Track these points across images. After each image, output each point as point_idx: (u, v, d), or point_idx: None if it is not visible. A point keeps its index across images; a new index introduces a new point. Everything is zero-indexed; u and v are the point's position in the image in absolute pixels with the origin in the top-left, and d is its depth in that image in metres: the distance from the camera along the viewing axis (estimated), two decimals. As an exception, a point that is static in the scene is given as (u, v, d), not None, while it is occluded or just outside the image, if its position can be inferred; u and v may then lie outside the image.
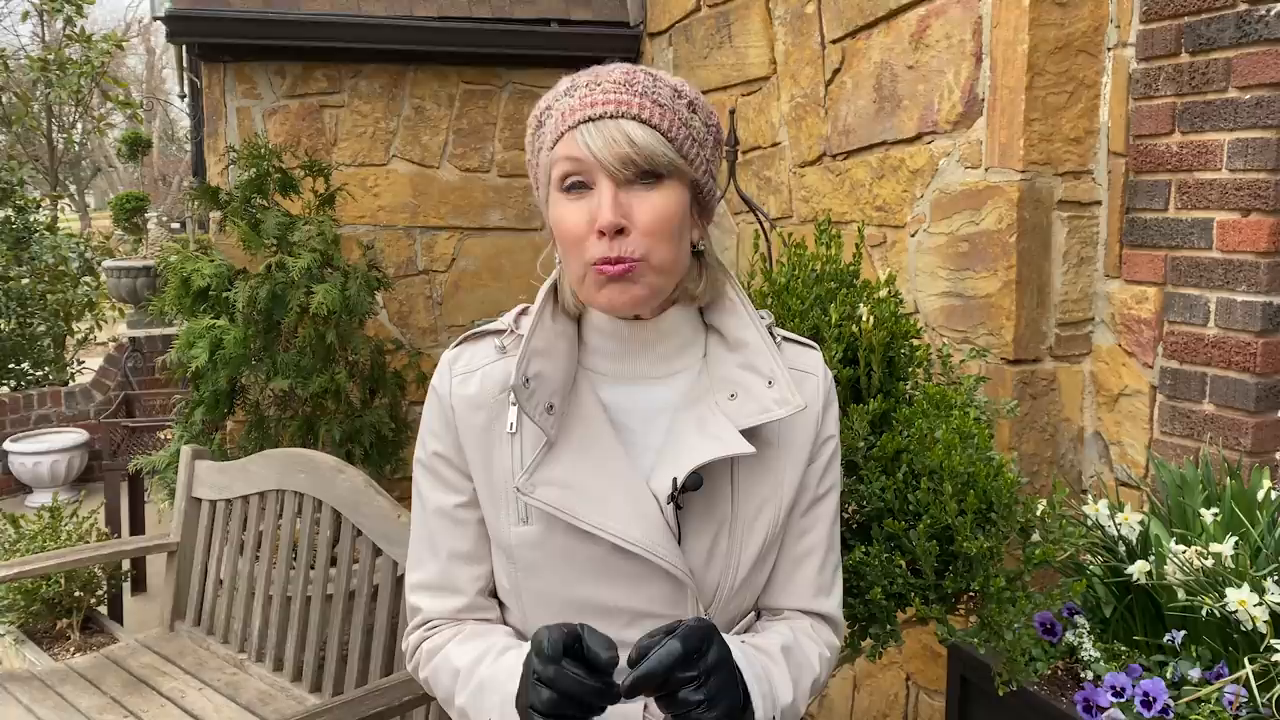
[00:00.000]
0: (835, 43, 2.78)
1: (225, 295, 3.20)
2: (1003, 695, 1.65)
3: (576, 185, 0.99)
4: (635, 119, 0.97)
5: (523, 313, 1.11)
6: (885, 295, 1.77)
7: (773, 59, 3.11)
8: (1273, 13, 1.83)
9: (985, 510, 1.58)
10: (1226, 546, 1.58)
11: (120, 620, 3.71)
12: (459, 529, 1.11)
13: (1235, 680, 1.51)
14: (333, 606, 2.43)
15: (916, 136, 2.47)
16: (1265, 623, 1.51)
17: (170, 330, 6.03)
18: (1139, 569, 1.66)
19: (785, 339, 1.14)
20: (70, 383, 7.15)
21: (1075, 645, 1.74)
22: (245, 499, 2.71)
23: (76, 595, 3.42)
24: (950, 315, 2.37)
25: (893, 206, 2.58)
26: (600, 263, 0.98)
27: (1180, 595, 1.63)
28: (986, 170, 2.24)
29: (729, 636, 0.99)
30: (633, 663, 0.89)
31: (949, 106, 2.35)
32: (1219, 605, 1.54)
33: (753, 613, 1.14)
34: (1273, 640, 1.51)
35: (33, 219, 7.58)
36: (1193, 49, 1.98)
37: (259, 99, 3.77)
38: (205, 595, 2.81)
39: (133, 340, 6.31)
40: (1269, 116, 1.84)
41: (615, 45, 3.90)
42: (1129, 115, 2.12)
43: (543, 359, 1.04)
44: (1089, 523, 1.82)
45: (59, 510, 3.68)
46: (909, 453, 1.61)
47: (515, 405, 1.05)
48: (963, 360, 2.06)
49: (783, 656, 1.06)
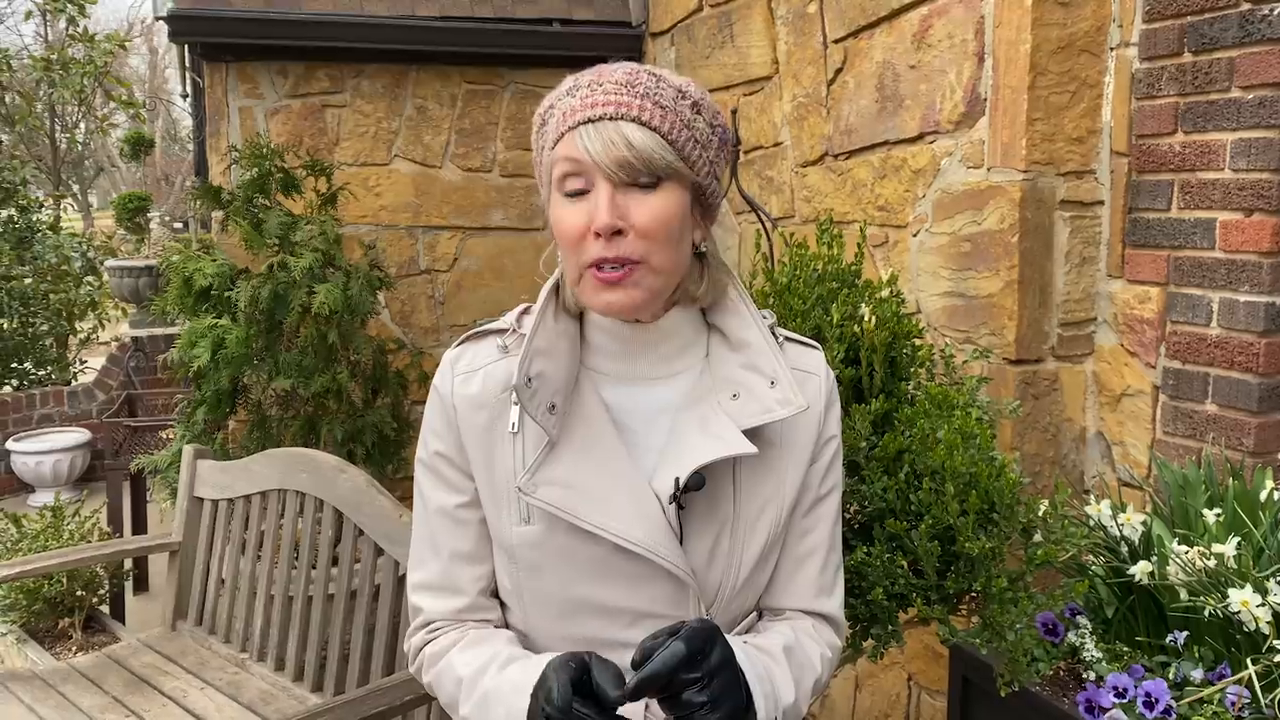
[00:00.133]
0: (837, 42, 2.78)
1: (227, 295, 3.20)
2: (1005, 696, 1.65)
3: (575, 187, 0.99)
4: (635, 121, 0.97)
5: (525, 312, 1.11)
6: (887, 295, 1.77)
7: (775, 59, 3.11)
8: (1275, 12, 1.82)
9: (987, 511, 1.58)
10: (1229, 547, 1.58)
11: (122, 619, 3.72)
12: (460, 529, 1.11)
13: (1238, 681, 1.51)
14: (334, 606, 2.43)
15: (919, 136, 2.47)
16: (1268, 623, 1.51)
17: (173, 330, 6.04)
18: (1141, 569, 1.66)
19: (787, 339, 1.14)
20: (73, 382, 7.17)
21: (1077, 646, 1.73)
22: (247, 498, 2.71)
23: (78, 594, 3.43)
24: (952, 315, 2.37)
25: (895, 206, 2.58)
26: (597, 263, 0.98)
27: (1183, 596, 1.63)
28: (989, 170, 2.24)
29: (731, 637, 0.99)
30: (636, 664, 0.89)
31: (951, 106, 2.35)
32: (1221, 606, 1.54)
33: (754, 613, 1.13)
34: (1275, 641, 1.51)
35: (36, 218, 7.59)
36: (1195, 49, 1.97)
37: (261, 99, 3.77)
38: (207, 595, 2.81)
39: (135, 340, 6.32)
40: (1272, 116, 1.84)
41: (617, 45, 3.90)
42: (1132, 115, 2.12)
43: (545, 359, 1.04)
44: (1091, 523, 1.82)
45: (61, 510, 3.68)
46: (911, 453, 1.60)
47: (517, 405, 1.05)
48: (965, 360, 2.06)
49: (784, 657, 1.06)
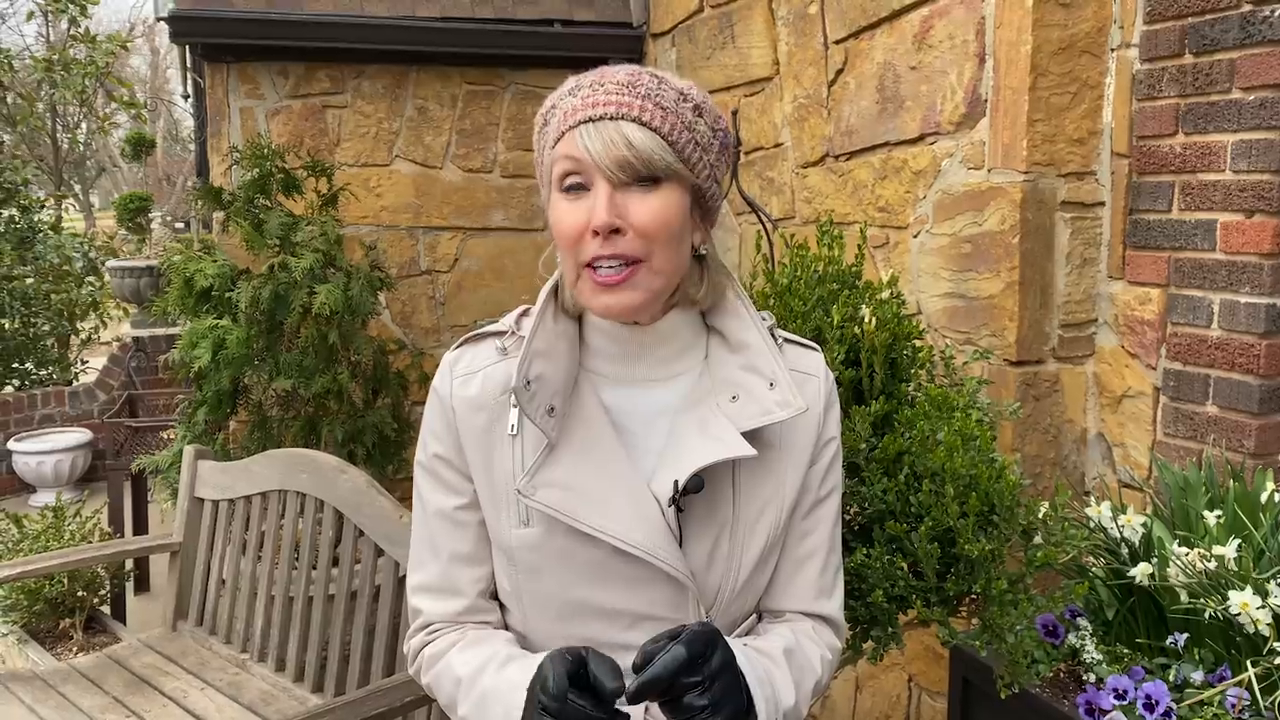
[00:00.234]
0: (838, 43, 2.77)
1: (228, 295, 3.20)
2: (1005, 697, 1.65)
3: (575, 185, 0.99)
4: (635, 121, 0.97)
5: (524, 314, 1.11)
6: (887, 297, 1.76)
7: (775, 60, 3.11)
8: (1276, 14, 1.82)
9: (987, 513, 1.58)
10: (1229, 549, 1.58)
11: (123, 620, 3.72)
12: (460, 531, 1.11)
13: (1238, 683, 1.51)
14: (334, 607, 2.44)
15: (919, 137, 2.47)
16: (1268, 625, 1.51)
17: (174, 330, 6.05)
18: (1142, 571, 1.66)
19: (787, 341, 1.14)
20: (74, 382, 7.17)
21: (1077, 647, 1.73)
22: (248, 499, 2.72)
23: (79, 595, 3.43)
24: (953, 316, 2.37)
25: (895, 207, 2.58)
26: (594, 261, 0.98)
27: (1183, 598, 1.63)
28: (989, 171, 2.24)
29: (731, 640, 0.99)
30: (637, 668, 0.89)
31: (952, 107, 2.34)
32: (1222, 608, 1.54)
33: (754, 615, 1.13)
34: (1275, 643, 1.51)
35: (37, 219, 7.60)
36: (1196, 50, 1.97)
37: (262, 99, 3.77)
38: (208, 595, 2.81)
39: (136, 340, 6.32)
40: (1273, 118, 1.84)
41: (618, 46, 3.90)
42: (1132, 116, 2.12)
43: (544, 361, 1.04)
44: (1091, 525, 1.81)
45: (62, 510, 3.69)
46: (911, 454, 1.60)
47: (516, 407, 1.05)
48: (965, 362, 2.06)
49: (785, 659, 1.06)
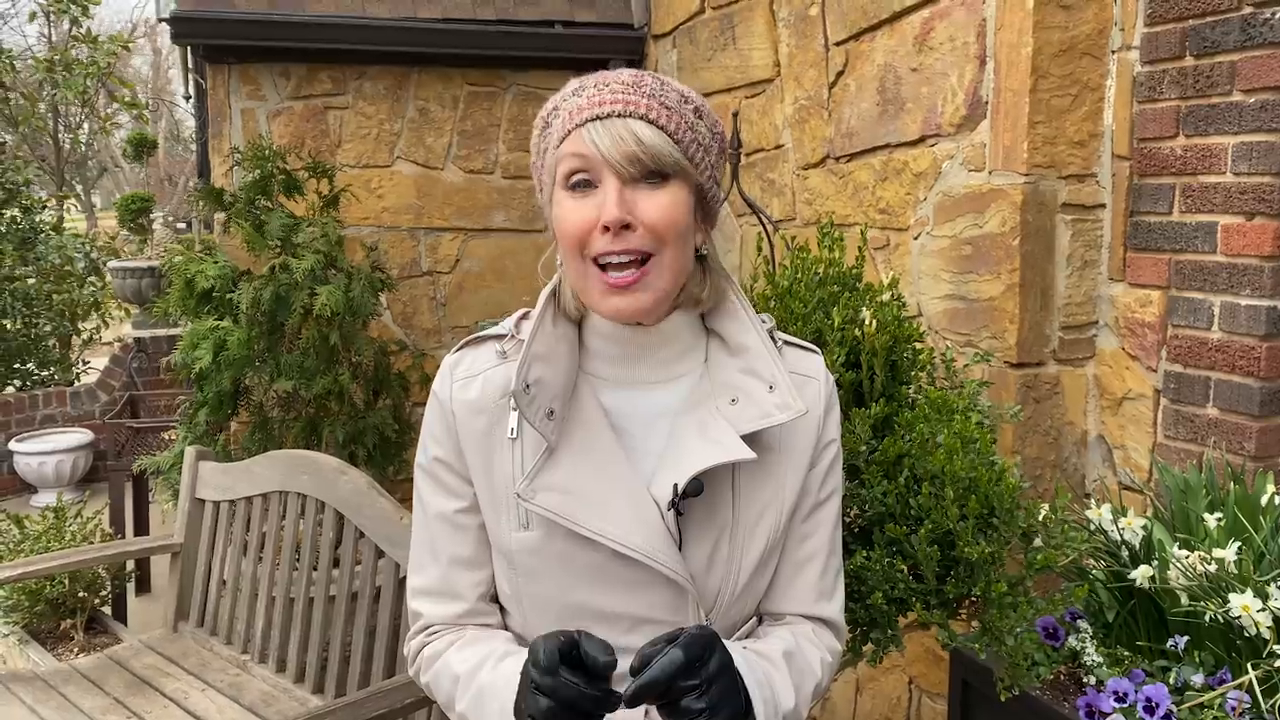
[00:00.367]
0: (839, 45, 2.77)
1: (229, 296, 3.21)
2: (1005, 700, 1.64)
3: (582, 183, 0.99)
4: (643, 119, 0.98)
5: (524, 317, 1.11)
6: (888, 299, 1.76)
7: (776, 61, 3.11)
8: (1277, 16, 1.82)
9: (987, 515, 1.58)
10: (1230, 552, 1.58)
11: (124, 621, 3.73)
12: (460, 534, 1.11)
13: (1238, 686, 1.50)
14: (335, 608, 2.44)
15: (920, 139, 2.47)
16: (1268, 628, 1.50)
17: (175, 331, 6.05)
18: (1142, 574, 1.66)
19: (786, 343, 1.14)
20: (75, 383, 7.18)
21: (1078, 650, 1.73)
22: (249, 500, 2.72)
23: (80, 595, 3.44)
24: (953, 318, 2.37)
25: (896, 209, 2.58)
26: (603, 258, 0.98)
27: (1183, 600, 1.63)
28: (990, 173, 2.24)
29: (730, 642, 0.99)
30: (635, 671, 0.89)
31: (953, 109, 2.34)
32: (1222, 610, 1.54)
33: (754, 618, 1.13)
34: (1276, 646, 1.51)
35: (39, 219, 7.61)
36: (1197, 52, 1.97)
37: (263, 100, 3.78)
38: (209, 596, 2.81)
39: (138, 341, 6.33)
40: (1273, 120, 1.84)
41: (619, 47, 3.90)
42: (1133, 118, 2.12)
43: (543, 364, 1.04)
44: (1092, 527, 1.81)
45: (63, 510, 3.69)
46: (911, 457, 1.60)
47: (516, 410, 1.05)
48: (966, 364, 2.06)
49: (784, 662, 1.06)
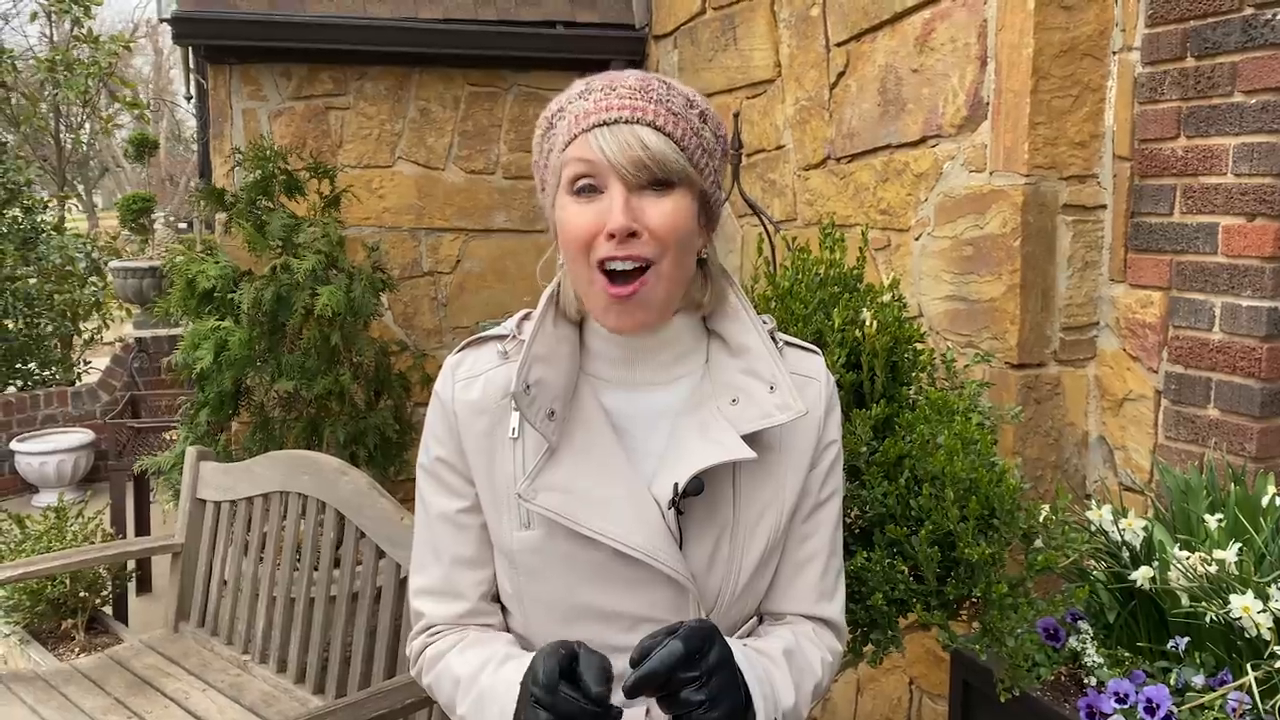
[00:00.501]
0: (840, 45, 2.78)
1: (230, 297, 3.21)
2: (1005, 701, 1.65)
3: (587, 188, 0.99)
4: (650, 125, 0.98)
5: (525, 317, 1.11)
6: (889, 300, 1.76)
7: (777, 62, 3.11)
8: (1278, 17, 1.82)
9: (988, 516, 1.58)
10: (1230, 553, 1.58)
11: (125, 621, 3.73)
12: (461, 534, 1.11)
13: (1239, 687, 1.50)
14: (336, 608, 2.44)
15: (921, 140, 2.47)
16: (1269, 629, 1.50)
17: (176, 331, 6.05)
18: (1143, 575, 1.66)
19: (787, 344, 1.14)
20: (77, 383, 7.18)
21: (1078, 651, 1.73)
22: (249, 500, 2.72)
23: (81, 595, 3.44)
24: (954, 319, 2.37)
25: (897, 210, 2.58)
26: (606, 262, 0.98)
27: (1184, 601, 1.63)
28: (991, 174, 2.24)
29: (730, 639, 0.99)
30: (634, 663, 0.89)
31: (953, 110, 2.34)
32: (1223, 612, 1.54)
33: (755, 618, 1.13)
34: (1276, 647, 1.51)
35: (40, 219, 7.61)
36: (1198, 53, 1.97)
37: (265, 100, 3.78)
38: (209, 596, 2.81)
39: (139, 341, 6.33)
40: (1274, 121, 1.84)
41: (620, 47, 3.90)
42: (1134, 119, 2.12)
43: (544, 365, 1.04)
44: (1092, 528, 1.81)
45: (65, 510, 3.70)
46: (911, 458, 1.60)
47: (517, 411, 1.05)
48: (967, 365, 2.06)
49: (784, 660, 1.06)
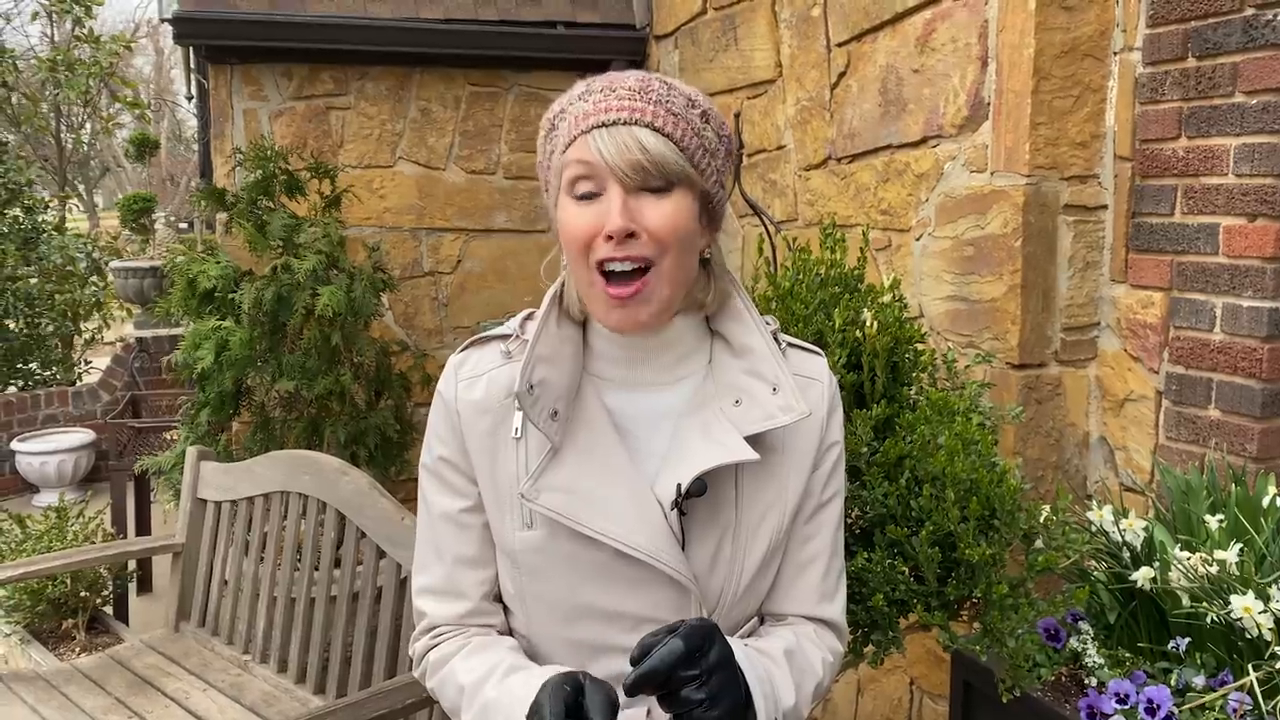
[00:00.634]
0: (841, 46, 2.78)
1: (231, 297, 3.21)
2: (1006, 701, 1.65)
3: (587, 190, 0.99)
4: (649, 127, 0.98)
5: (528, 317, 1.11)
6: (889, 300, 1.77)
7: (778, 62, 3.11)
8: (1279, 17, 1.82)
9: (988, 517, 1.58)
10: (1231, 553, 1.58)
11: (126, 620, 3.73)
12: (464, 534, 1.11)
13: (1239, 687, 1.50)
14: (336, 608, 2.44)
15: (922, 140, 2.47)
16: (1270, 630, 1.50)
17: (177, 331, 6.06)
18: (1144, 575, 1.66)
19: (790, 345, 1.14)
20: (77, 383, 7.18)
21: (1079, 651, 1.73)
22: (250, 500, 2.72)
23: (82, 595, 3.44)
24: (955, 319, 2.37)
25: (898, 210, 2.58)
26: (605, 263, 0.98)
27: (1185, 602, 1.63)
28: (992, 174, 2.24)
29: (731, 638, 0.99)
30: (635, 661, 0.89)
31: (954, 110, 2.35)
32: (1223, 612, 1.54)
33: (756, 618, 1.14)
34: (1277, 647, 1.51)
35: (41, 219, 7.61)
36: (1199, 54, 1.97)
37: (265, 101, 3.78)
38: (210, 596, 2.82)
39: (139, 341, 6.33)
40: (1275, 121, 1.84)
41: (621, 48, 3.90)
42: (1135, 119, 2.12)
43: (547, 365, 1.04)
44: (1093, 529, 1.81)
45: (65, 510, 3.70)
46: (912, 459, 1.60)
47: (520, 411, 1.05)
48: (968, 365, 2.06)
49: (785, 660, 1.06)
